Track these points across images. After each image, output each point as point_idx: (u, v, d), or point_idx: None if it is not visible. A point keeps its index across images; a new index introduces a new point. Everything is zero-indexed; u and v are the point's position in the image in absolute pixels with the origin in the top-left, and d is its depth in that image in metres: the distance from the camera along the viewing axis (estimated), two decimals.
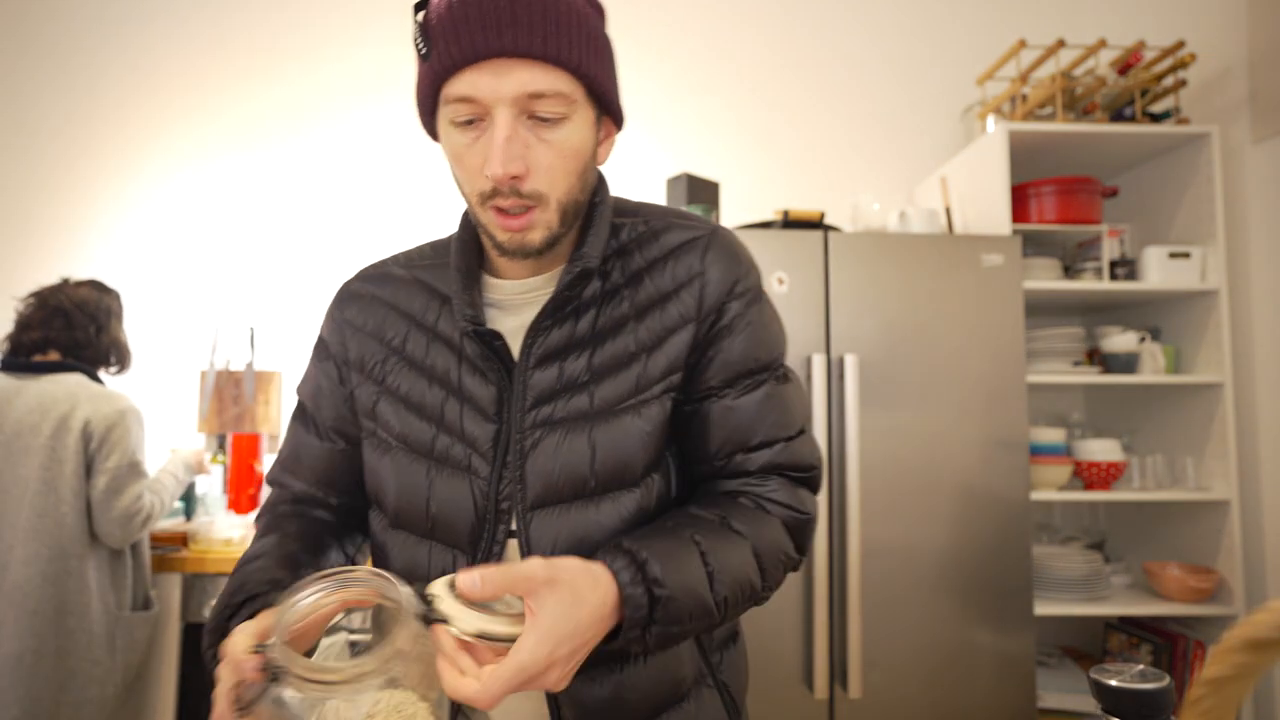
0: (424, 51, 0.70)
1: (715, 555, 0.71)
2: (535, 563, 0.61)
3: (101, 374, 1.96)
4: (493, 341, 0.76)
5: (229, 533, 2.13)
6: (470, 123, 0.70)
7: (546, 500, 0.75)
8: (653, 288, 0.79)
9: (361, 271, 0.90)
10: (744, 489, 0.79)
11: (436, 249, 0.88)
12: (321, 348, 0.88)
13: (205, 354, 2.64)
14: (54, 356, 1.88)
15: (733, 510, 0.77)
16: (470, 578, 0.58)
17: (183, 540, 2.18)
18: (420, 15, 0.71)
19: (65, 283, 1.96)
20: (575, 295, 0.78)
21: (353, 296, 0.87)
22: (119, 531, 1.80)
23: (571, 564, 0.63)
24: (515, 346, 0.79)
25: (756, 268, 0.84)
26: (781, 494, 0.79)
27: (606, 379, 0.77)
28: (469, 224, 0.84)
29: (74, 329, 1.88)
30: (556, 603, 0.60)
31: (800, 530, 0.80)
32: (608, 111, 0.77)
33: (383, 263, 0.90)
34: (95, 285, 1.99)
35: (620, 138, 2.93)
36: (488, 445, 0.77)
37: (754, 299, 0.81)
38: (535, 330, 0.77)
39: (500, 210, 0.72)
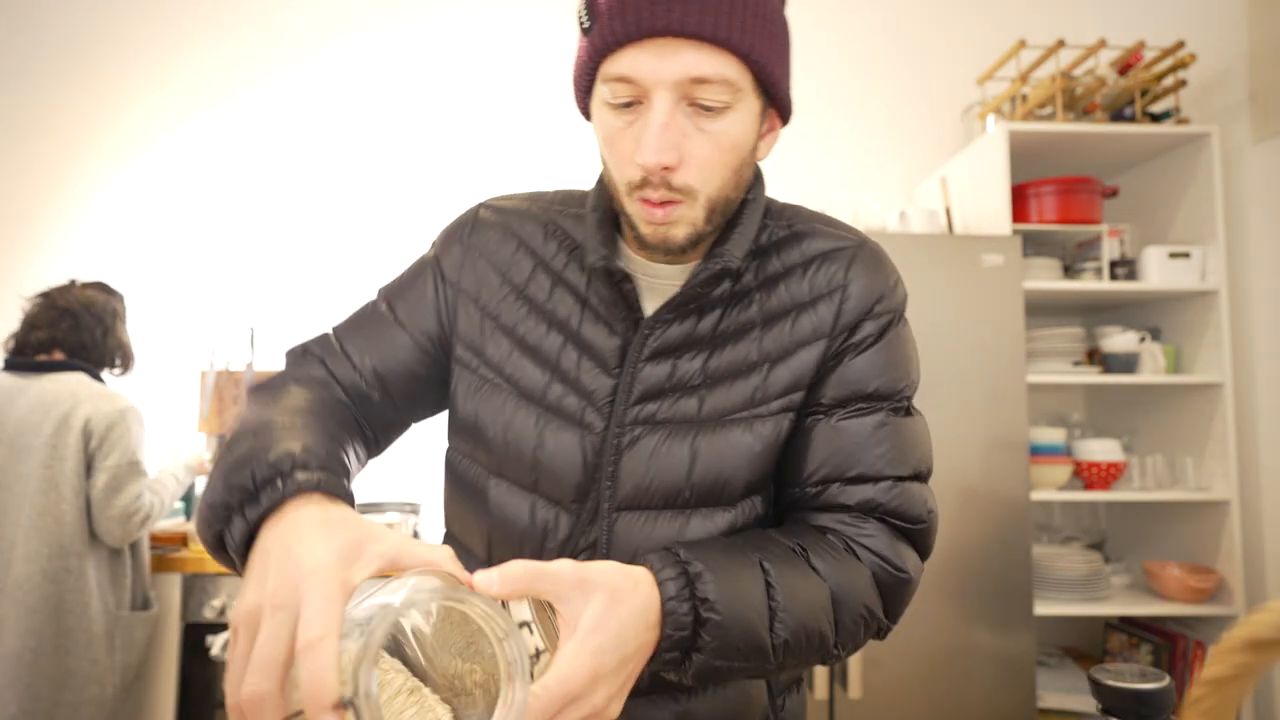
0: (587, 25, 0.65)
1: (783, 590, 0.62)
2: (563, 563, 0.52)
3: (104, 374, 1.97)
4: (622, 284, 0.71)
5: None
6: (628, 105, 0.65)
7: (634, 504, 0.70)
8: (786, 295, 0.74)
9: (495, 201, 0.83)
10: (834, 526, 0.70)
11: (572, 198, 0.82)
12: (434, 265, 0.81)
13: (205, 354, 2.64)
14: (58, 356, 1.89)
15: (815, 546, 0.68)
16: (487, 575, 0.49)
17: (183, 540, 2.18)
18: None
19: (74, 284, 1.98)
20: (705, 293, 0.72)
21: (484, 224, 0.81)
22: (118, 530, 1.80)
23: (605, 566, 0.55)
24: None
25: (903, 287, 0.78)
26: (878, 541, 0.70)
27: (720, 386, 0.72)
28: (604, 188, 0.76)
29: (81, 331, 1.89)
30: (590, 605, 0.52)
31: (893, 590, 0.69)
32: (775, 103, 0.71)
33: (518, 196, 0.84)
34: (102, 287, 2.01)
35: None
36: (605, 399, 0.72)
37: (893, 321, 0.75)
38: (655, 322, 0.72)
39: (646, 201, 0.67)
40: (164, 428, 2.58)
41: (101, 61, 2.75)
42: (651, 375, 0.72)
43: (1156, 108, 2.45)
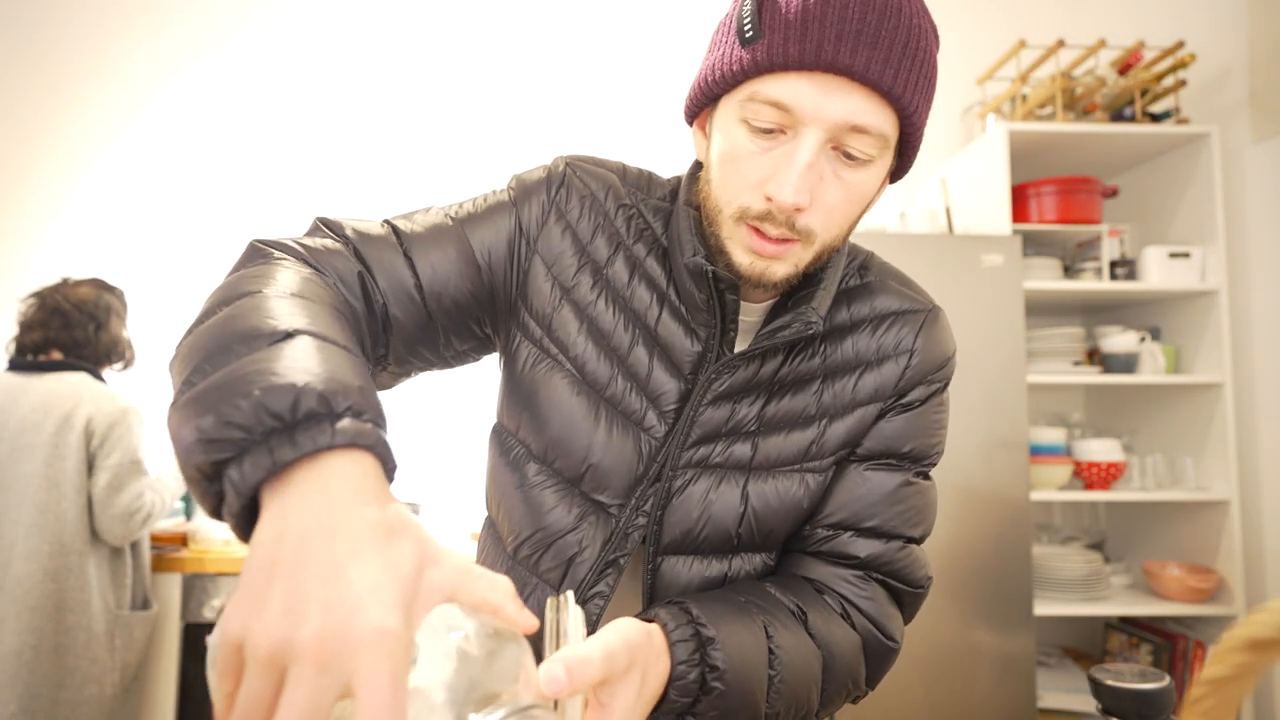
0: (750, 35, 0.59)
1: (782, 659, 0.61)
2: (617, 646, 0.50)
3: (107, 373, 1.98)
4: (726, 293, 0.66)
5: (229, 533, 2.13)
6: (768, 131, 0.61)
7: (680, 549, 0.70)
8: (851, 351, 0.72)
9: (582, 162, 0.76)
10: (835, 586, 0.70)
11: (655, 184, 0.77)
12: (512, 211, 0.73)
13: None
14: (56, 356, 1.90)
15: (814, 608, 0.67)
16: (555, 675, 0.44)
17: (183, 540, 2.19)
18: None
19: (64, 282, 1.98)
20: (780, 345, 0.69)
21: (569, 186, 0.74)
22: (120, 529, 1.81)
23: (638, 638, 0.53)
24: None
25: (955, 359, 0.77)
26: (874, 606, 0.69)
27: (775, 434, 0.70)
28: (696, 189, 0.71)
29: (72, 328, 1.90)
30: (627, 688, 0.51)
31: (879, 658, 0.70)
32: (902, 163, 0.68)
33: (605, 164, 0.77)
34: (96, 283, 2.00)
35: (622, 136, 2.89)
36: (671, 404, 0.69)
37: (939, 390, 0.75)
38: (725, 366, 0.69)
39: (760, 233, 0.63)
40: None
41: (59, 41, 2.71)
42: (711, 419, 0.69)
43: (1156, 108, 2.45)
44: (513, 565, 0.74)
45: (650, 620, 0.58)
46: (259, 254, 0.60)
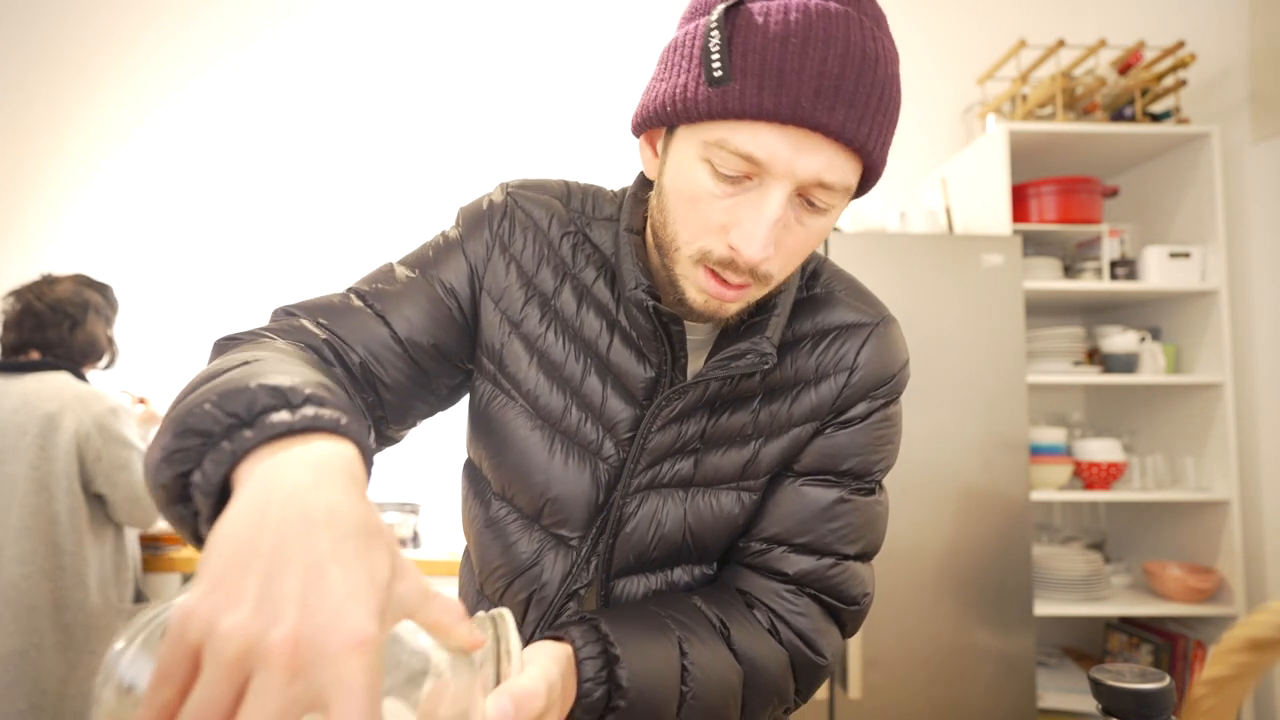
0: (719, 75, 0.55)
1: (697, 675, 0.62)
2: (554, 676, 0.52)
3: (92, 371, 1.94)
4: (670, 325, 0.66)
5: None
6: (734, 178, 0.58)
7: (633, 570, 0.70)
8: (791, 369, 0.70)
9: (524, 190, 0.74)
10: (766, 600, 0.69)
11: (602, 198, 0.75)
12: (461, 249, 0.72)
13: (205, 353, 2.63)
14: (35, 356, 1.86)
15: (739, 622, 0.67)
16: (504, 710, 0.46)
17: (182, 540, 2.18)
18: (729, 27, 0.56)
19: (43, 279, 1.93)
20: (732, 375, 0.67)
21: (511, 215, 0.72)
22: (139, 511, 1.82)
23: (564, 665, 0.55)
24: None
25: (907, 370, 0.74)
26: (806, 621, 0.69)
27: (714, 451, 0.70)
28: (640, 211, 0.70)
29: (45, 328, 1.85)
30: (553, 716, 0.53)
31: (809, 673, 0.69)
32: (858, 192, 0.66)
33: (548, 188, 0.74)
34: (78, 280, 1.94)
35: (620, 137, 2.88)
36: (626, 431, 0.69)
37: (885, 405, 0.72)
38: (677, 393, 0.68)
39: (719, 279, 0.61)
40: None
41: (70, 49, 2.72)
42: (660, 443, 0.69)
43: (1156, 108, 2.45)
44: (480, 599, 0.75)
45: (561, 637, 0.59)
46: (222, 349, 0.60)
